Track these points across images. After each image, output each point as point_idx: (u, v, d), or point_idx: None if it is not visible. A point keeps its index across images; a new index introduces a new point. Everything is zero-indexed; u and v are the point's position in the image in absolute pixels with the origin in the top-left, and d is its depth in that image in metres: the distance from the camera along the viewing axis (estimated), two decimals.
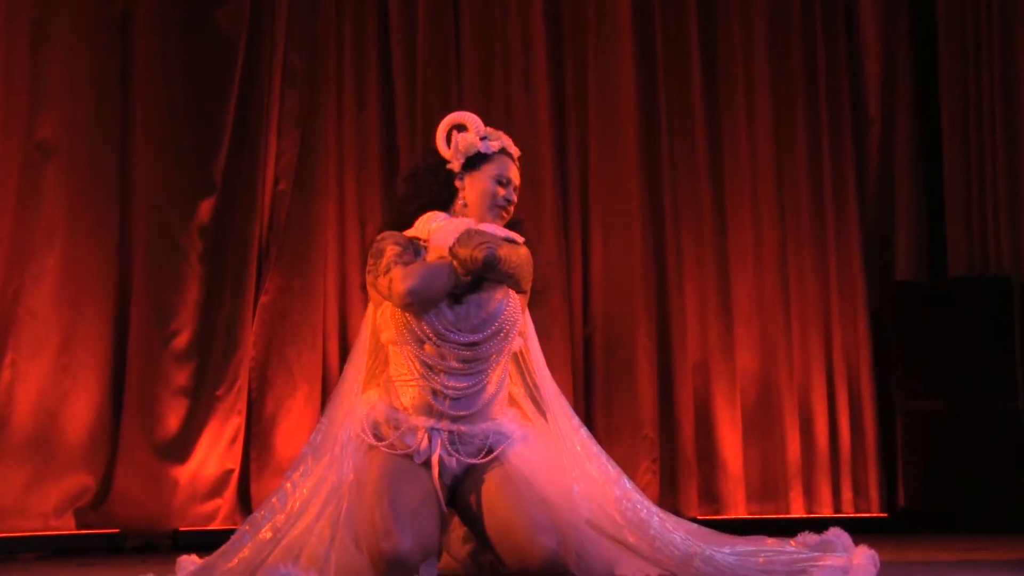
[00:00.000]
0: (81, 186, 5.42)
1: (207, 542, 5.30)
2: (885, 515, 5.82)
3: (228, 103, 5.64)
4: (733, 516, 5.77)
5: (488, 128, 3.43)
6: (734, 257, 6.05)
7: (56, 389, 5.25)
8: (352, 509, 3.06)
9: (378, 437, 3.20)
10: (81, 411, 5.29)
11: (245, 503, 5.51)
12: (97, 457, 5.32)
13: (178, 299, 5.51)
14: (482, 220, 3.34)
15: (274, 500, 3.14)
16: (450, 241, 3.20)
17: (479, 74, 6.03)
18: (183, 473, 5.39)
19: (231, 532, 3.21)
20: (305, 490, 3.12)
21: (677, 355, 5.95)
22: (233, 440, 5.49)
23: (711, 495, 5.86)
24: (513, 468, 3.17)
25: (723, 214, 6.07)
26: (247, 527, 3.11)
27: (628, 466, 3.61)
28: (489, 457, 3.19)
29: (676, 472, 5.84)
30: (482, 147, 3.38)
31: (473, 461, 3.19)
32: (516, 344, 3.32)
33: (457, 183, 3.39)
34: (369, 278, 3.28)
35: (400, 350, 3.24)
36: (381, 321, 3.29)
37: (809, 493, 5.86)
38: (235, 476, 5.49)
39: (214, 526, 5.36)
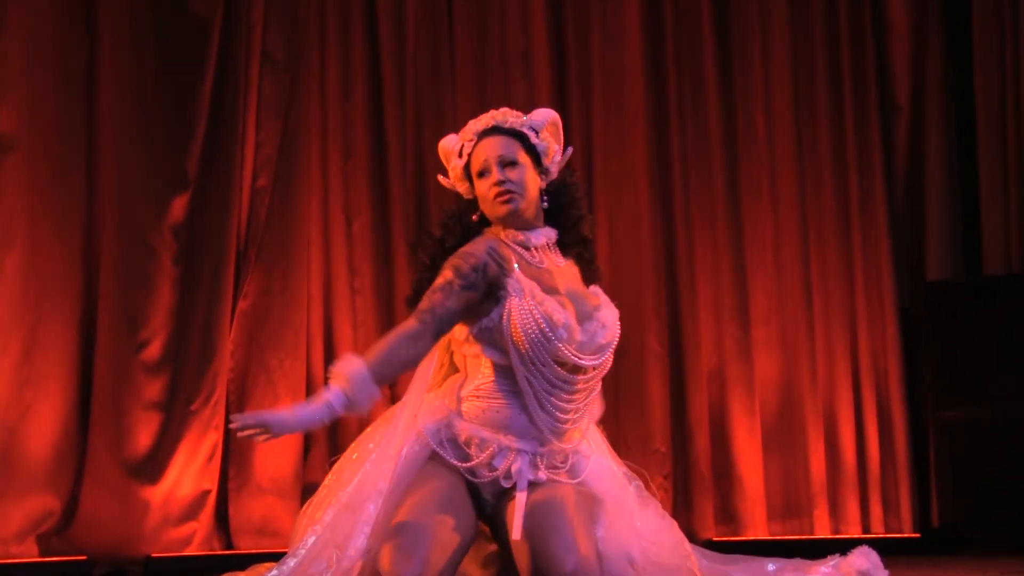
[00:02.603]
0: (43, 181, 5.39)
1: (181, 569, 5.31)
2: (918, 535, 5.78)
3: (202, 91, 5.62)
4: (752, 537, 5.74)
5: (470, 123, 3.33)
6: (751, 254, 6.02)
7: (17, 403, 5.22)
8: (382, 520, 3.05)
9: (459, 458, 3.16)
10: (44, 427, 5.26)
11: (223, 526, 5.49)
12: (62, 477, 5.29)
13: (149, 304, 5.48)
14: (504, 223, 3.24)
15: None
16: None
17: (474, 58, 6.00)
18: (155, 494, 5.36)
19: (207, 558, 3.16)
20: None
21: (690, 361, 5.92)
22: (210, 458, 5.47)
23: (728, 514, 5.83)
24: (565, 486, 3.17)
25: (739, 208, 6.04)
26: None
27: None
28: (573, 480, 3.20)
29: (690, 489, 5.82)
30: (460, 160, 3.31)
31: (561, 479, 3.18)
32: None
33: (480, 206, 3.32)
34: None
35: (498, 369, 3.18)
36: (468, 338, 3.21)
37: (835, 511, 5.82)
38: (212, 497, 5.46)
39: (189, 551, 5.35)
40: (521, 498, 3.13)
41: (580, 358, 3.15)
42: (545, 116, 3.35)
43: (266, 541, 5.39)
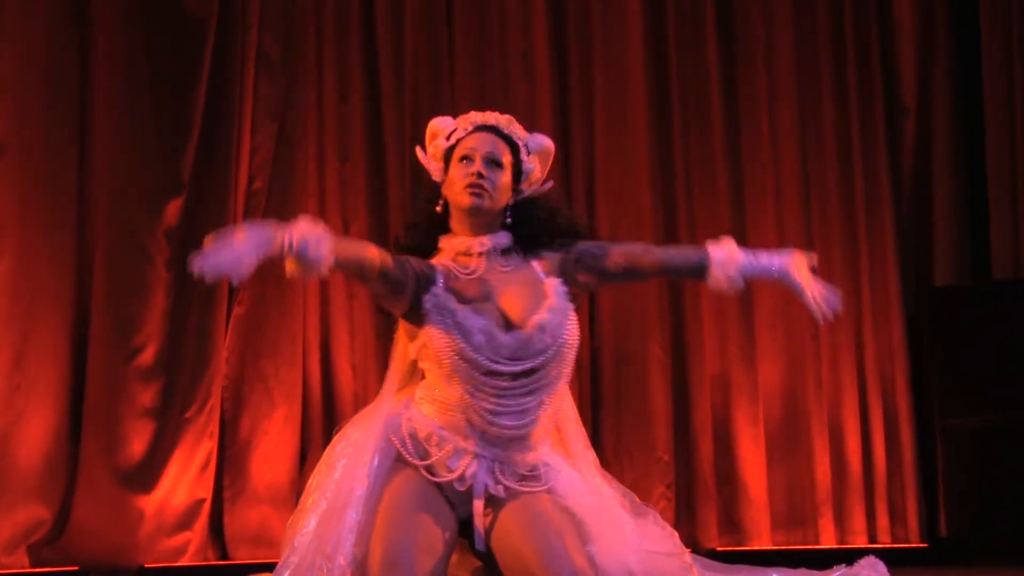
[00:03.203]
0: (35, 185, 5.37)
1: None
2: (925, 545, 5.78)
3: (197, 93, 5.60)
4: (756, 547, 5.72)
5: (473, 112, 3.33)
6: None
7: (7, 410, 5.19)
8: (364, 526, 3.04)
9: (418, 454, 3.15)
10: (35, 435, 5.23)
11: (218, 536, 5.47)
12: (53, 486, 5.26)
13: (143, 309, 5.46)
14: (461, 216, 3.23)
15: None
16: None
17: (473, 58, 5.99)
18: (149, 503, 5.34)
19: (201, 568, 3.15)
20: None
21: (693, 368, 5.91)
22: (204, 466, 5.44)
23: (732, 523, 5.82)
24: (548, 496, 3.14)
25: (743, 213, 6.03)
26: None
27: (640, 492, 3.59)
28: (542, 487, 3.15)
29: (693, 498, 5.80)
30: (446, 142, 3.29)
31: (524, 489, 3.15)
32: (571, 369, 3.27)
33: (441, 192, 3.30)
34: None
35: (444, 383, 3.17)
36: (419, 352, 3.21)
37: (841, 521, 5.81)
38: (207, 506, 5.44)
39: (183, 561, 5.33)
40: (478, 505, 3.12)
41: (506, 364, 3.09)
42: (541, 142, 3.37)
43: (262, 551, 5.37)
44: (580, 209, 5.97)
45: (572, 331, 3.18)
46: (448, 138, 3.29)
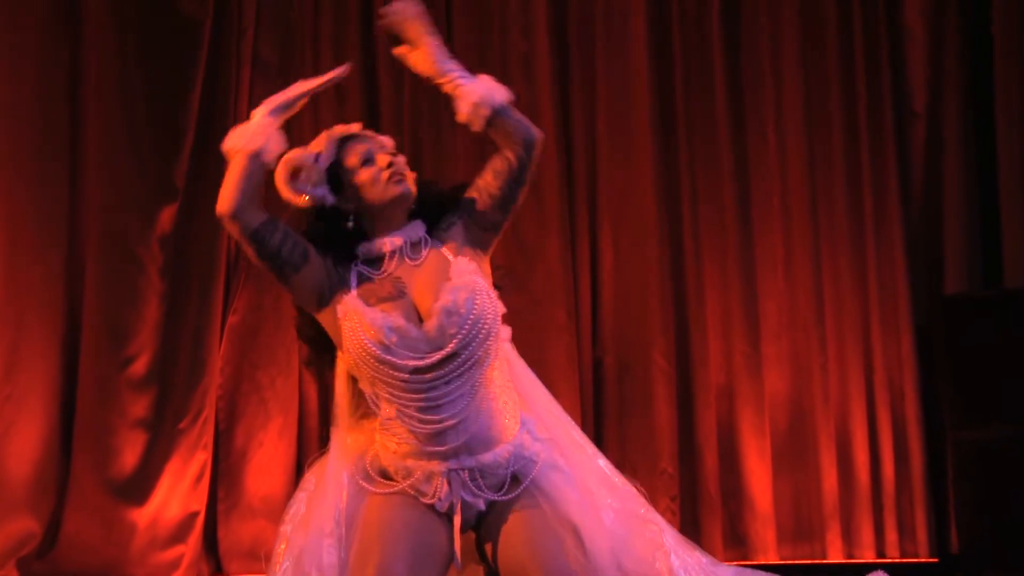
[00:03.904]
0: (25, 191, 5.39)
1: None
2: (935, 560, 5.75)
3: (191, 97, 5.62)
4: (762, 561, 5.69)
5: (324, 133, 3.36)
6: (761, 267, 5.99)
7: None
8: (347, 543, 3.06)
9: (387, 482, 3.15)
10: (26, 446, 5.24)
11: (212, 549, 5.47)
12: (44, 498, 5.28)
13: (135, 319, 5.47)
14: (387, 212, 3.23)
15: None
16: None
17: (473, 60, 5.96)
18: (142, 516, 5.35)
19: None
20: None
21: (698, 378, 5.89)
22: (198, 478, 5.45)
23: (737, 537, 5.80)
24: (542, 501, 3.12)
25: (749, 219, 6.01)
26: None
27: None
28: (517, 491, 3.12)
29: (698, 511, 5.78)
30: (324, 163, 3.28)
31: (500, 498, 3.13)
32: (503, 346, 3.22)
33: (345, 208, 3.28)
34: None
35: (374, 397, 3.16)
36: (350, 365, 3.19)
37: (848, 534, 5.78)
38: (200, 519, 5.45)
39: None
40: (457, 522, 3.11)
41: (427, 357, 3.06)
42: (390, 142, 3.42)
43: (256, 565, 5.36)
44: (582, 216, 5.97)
45: (483, 304, 3.13)
46: (317, 160, 3.29)
